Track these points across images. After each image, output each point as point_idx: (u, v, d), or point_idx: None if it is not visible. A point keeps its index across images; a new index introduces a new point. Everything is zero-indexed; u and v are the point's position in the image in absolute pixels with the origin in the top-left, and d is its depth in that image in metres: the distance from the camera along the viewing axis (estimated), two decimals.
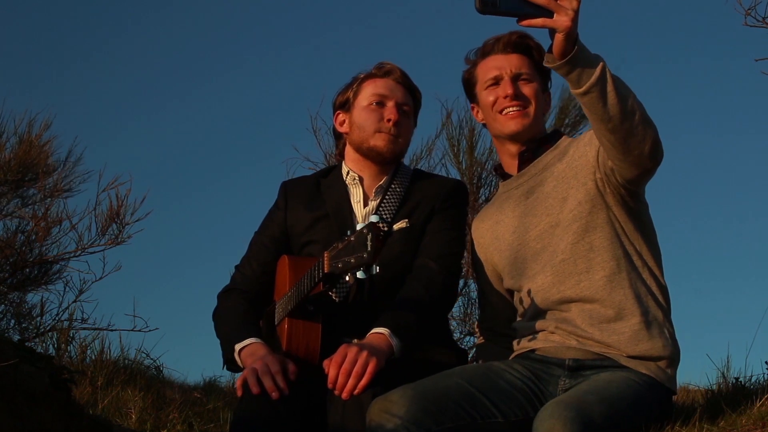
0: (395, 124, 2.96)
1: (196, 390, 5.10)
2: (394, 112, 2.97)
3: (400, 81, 3.03)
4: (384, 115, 2.97)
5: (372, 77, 3.05)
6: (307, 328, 2.74)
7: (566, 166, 2.77)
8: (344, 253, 2.45)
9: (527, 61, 2.88)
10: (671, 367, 2.64)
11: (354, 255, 2.41)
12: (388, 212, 2.95)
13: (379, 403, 2.46)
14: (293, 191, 3.09)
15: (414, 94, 3.06)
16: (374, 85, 3.02)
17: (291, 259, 2.88)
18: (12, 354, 2.83)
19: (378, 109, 2.98)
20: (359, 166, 3.03)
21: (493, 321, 2.99)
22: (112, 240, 5.35)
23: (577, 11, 2.29)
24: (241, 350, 2.80)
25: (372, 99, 2.99)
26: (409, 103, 3.04)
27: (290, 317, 2.74)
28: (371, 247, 2.37)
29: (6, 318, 5.50)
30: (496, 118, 2.86)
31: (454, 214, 3.01)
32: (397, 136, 2.98)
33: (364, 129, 2.98)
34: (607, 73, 2.38)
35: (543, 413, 2.35)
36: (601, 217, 2.69)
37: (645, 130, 2.45)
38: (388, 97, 2.99)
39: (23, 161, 5.62)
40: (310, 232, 2.98)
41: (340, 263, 2.45)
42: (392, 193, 2.98)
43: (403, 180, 3.02)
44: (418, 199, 2.98)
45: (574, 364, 2.64)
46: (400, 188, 3.00)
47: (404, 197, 2.98)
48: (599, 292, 2.65)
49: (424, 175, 3.13)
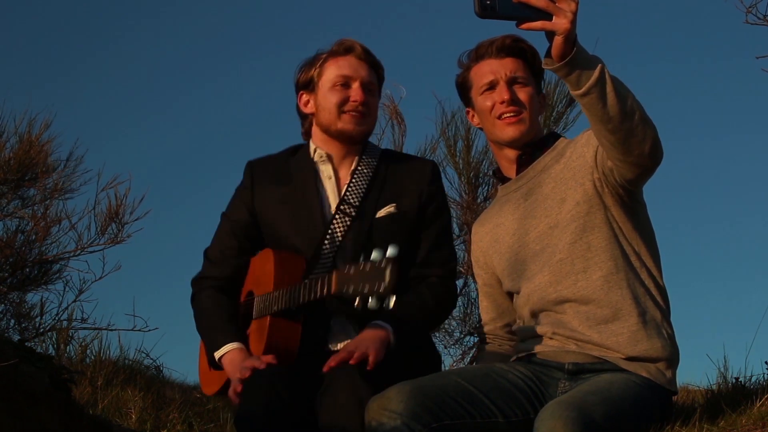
0: (362, 104, 2.93)
1: (196, 390, 5.10)
2: (360, 93, 2.92)
3: (363, 58, 2.97)
4: (350, 96, 2.93)
5: (334, 56, 2.98)
6: (289, 329, 2.75)
7: (564, 168, 2.77)
8: (357, 279, 2.45)
9: (522, 65, 2.87)
10: (671, 369, 2.64)
11: (368, 283, 2.42)
12: (356, 195, 2.91)
13: (377, 401, 2.47)
14: (260, 170, 3.06)
15: (377, 70, 3.01)
16: (337, 65, 2.96)
17: (277, 255, 2.86)
18: (12, 354, 2.83)
19: (343, 90, 2.93)
20: (327, 146, 2.99)
21: (496, 324, 3.00)
22: (112, 239, 5.35)
23: (575, 13, 2.28)
24: (221, 358, 2.83)
25: (336, 80, 2.94)
26: (374, 80, 2.99)
27: (273, 316, 2.75)
28: (389, 281, 2.38)
29: (6, 318, 5.50)
30: (495, 124, 2.86)
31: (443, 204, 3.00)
32: (365, 116, 2.95)
33: (330, 111, 2.94)
34: (606, 74, 2.38)
35: (544, 413, 2.36)
36: (599, 217, 2.69)
37: (645, 130, 2.45)
38: (353, 77, 2.94)
39: (23, 161, 5.62)
40: (278, 209, 2.96)
41: (351, 288, 2.46)
42: (359, 175, 2.95)
43: (370, 160, 2.99)
44: (398, 180, 2.95)
45: (573, 368, 2.65)
46: (367, 169, 2.96)
47: (373, 177, 2.95)
48: (596, 292, 2.65)
49: (395, 156, 3.11)
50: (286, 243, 2.92)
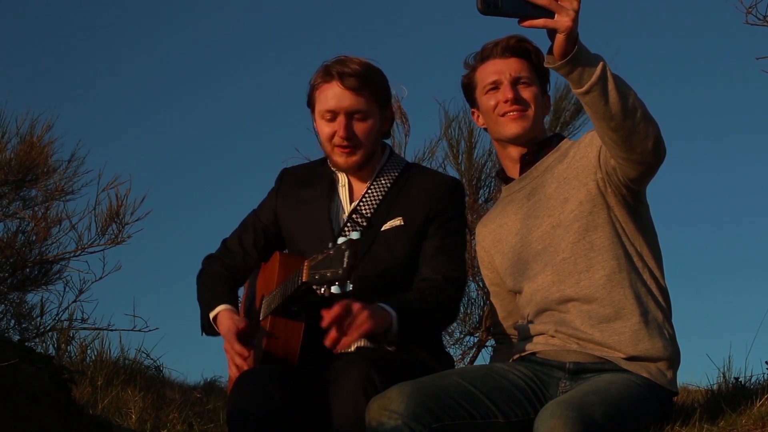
0: (347, 138, 2.88)
1: (196, 390, 5.11)
2: (343, 127, 2.88)
3: (347, 85, 2.88)
4: (336, 130, 2.90)
5: (321, 83, 2.93)
6: (289, 328, 2.76)
7: (567, 167, 2.77)
8: (322, 266, 2.48)
9: (526, 65, 2.88)
10: (671, 369, 2.64)
11: (330, 269, 2.45)
12: (368, 206, 2.92)
13: (378, 401, 2.47)
14: (289, 177, 3.10)
15: (368, 88, 2.90)
16: (324, 97, 2.90)
17: (282, 257, 2.89)
18: (12, 354, 2.84)
19: (330, 124, 2.91)
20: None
21: (507, 323, 3.00)
22: (112, 240, 5.35)
23: (577, 11, 2.29)
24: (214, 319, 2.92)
25: (323, 114, 2.91)
26: (362, 104, 2.90)
27: (273, 315, 2.76)
28: (347, 264, 2.41)
29: (6, 318, 5.50)
30: (498, 122, 2.86)
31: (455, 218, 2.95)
32: (356, 147, 2.91)
33: (324, 144, 2.96)
34: (607, 72, 2.38)
35: (544, 413, 2.36)
36: (602, 217, 2.69)
37: (647, 128, 2.45)
38: (336, 111, 2.89)
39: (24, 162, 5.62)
40: (295, 215, 3.00)
41: (318, 275, 2.49)
42: (375, 187, 2.95)
43: (391, 172, 2.98)
44: (412, 195, 2.93)
45: (574, 368, 2.65)
46: (385, 180, 2.96)
47: (389, 190, 2.94)
48: (599, 291, 2.65)
49: (418, 169, 3.08)
50: (298, 248, 2.97)
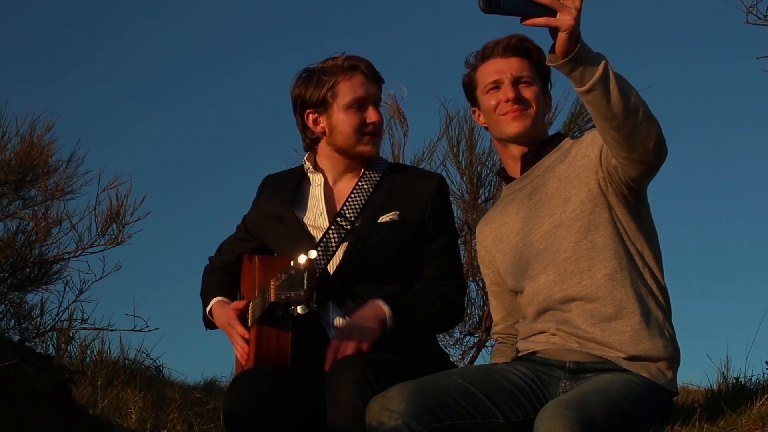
0: (379, 124, 2.97)
1: (196, 390, 5.11)
2: (376, 114, 2.96)
3: (370, 75, 2.98)
4: (366, 118, 2.95)
5: (345, 75, 2.96)
6: (278, 334, 2.76)
7: (569, 167, 2.77)
8: (287, 286, 2.52)
9: (527, 64, 2.87)
10: (671, 369, 2.64)
11: (293, 291, 2.51)
12: (352, 209, 2.94)
13: (378, 401, 2.47)
14: (269, 184, 3.15)
15: (381, 84, 3.03)
16: (350, 86, 2.94)
17: (261, 260, 2.86)
18: (12, 354, 2.83)
19: (359, 112, 2.95)
20: (333, 161, 3.02)
21: (507, 323, 3.00)
22: (112, 240, 5.36)
23: (579, 10, 2.29)
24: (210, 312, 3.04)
25: (352, 102, 2.93)
26: (381, 95, 3.03)
27: (259, 323, 2.76)
28: (307, 286, 2.47)
29: (6, 318, 5.51)
30: (499, 121, 2.86)
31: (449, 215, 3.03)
32: (381, 136, 3.01)
33: (349, 135, 2.94)
34: (609, 71, 2.38)
35: (544, 413, 2.36)
36: (604, 216, 2.69)
37: (649, 127, 2.45)
38: (367, 99, 2.95)
39: (24, 162, 5.62)
40: (272, 221, 3.04)
41: (283, 295, 2.52)
42: (360, 189, 2.98)
43: (374, 174, 3.01)
44: (403, 192, 2.96)
45: (575, 367, 2.65)
46: (368, 183, 2.98)
47: (375, 189, 2.97)
48: (600, 290, 2.65)
49: (402, 168, 3.14)
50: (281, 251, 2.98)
